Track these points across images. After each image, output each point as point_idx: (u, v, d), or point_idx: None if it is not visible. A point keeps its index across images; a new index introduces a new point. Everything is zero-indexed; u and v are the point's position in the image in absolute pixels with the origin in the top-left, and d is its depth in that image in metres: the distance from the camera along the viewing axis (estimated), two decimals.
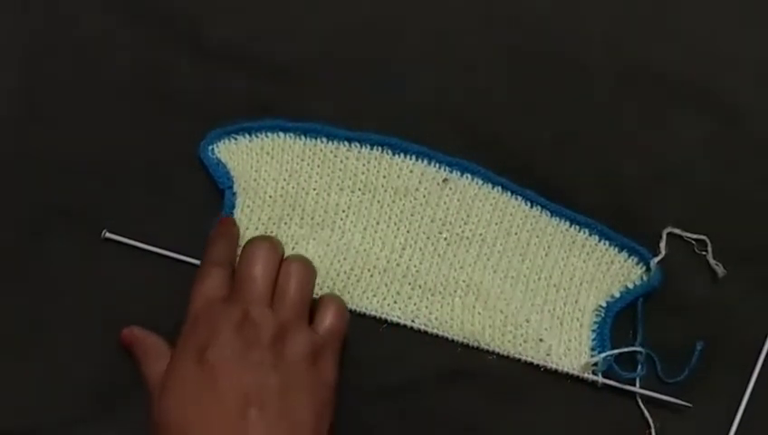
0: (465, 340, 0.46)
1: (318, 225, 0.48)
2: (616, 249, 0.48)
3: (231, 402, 0.39)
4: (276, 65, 0.51)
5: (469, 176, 0.49)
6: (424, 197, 0.48)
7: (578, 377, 0.45)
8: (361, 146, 0.49)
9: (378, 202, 0.48)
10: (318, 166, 0.49)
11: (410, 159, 0.49)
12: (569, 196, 0.49)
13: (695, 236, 0.48)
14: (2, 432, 0.44)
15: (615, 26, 0.53)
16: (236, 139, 0.50)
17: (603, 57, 0.52)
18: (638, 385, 0.45)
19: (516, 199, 0.49)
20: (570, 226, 0.48)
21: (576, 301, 0.47)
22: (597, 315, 0.46)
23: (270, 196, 0.48)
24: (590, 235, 0.48)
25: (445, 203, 0.48)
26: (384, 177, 0.49)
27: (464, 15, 0.53)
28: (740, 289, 0.47)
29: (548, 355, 0.45)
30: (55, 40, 0.52)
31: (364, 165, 0.49)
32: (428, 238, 0.48)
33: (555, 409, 0.45)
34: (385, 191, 0.49)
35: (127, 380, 0.44)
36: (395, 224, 0.48)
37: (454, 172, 0.49)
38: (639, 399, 0.45)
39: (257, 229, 0.48)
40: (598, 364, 0.45)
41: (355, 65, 0.51)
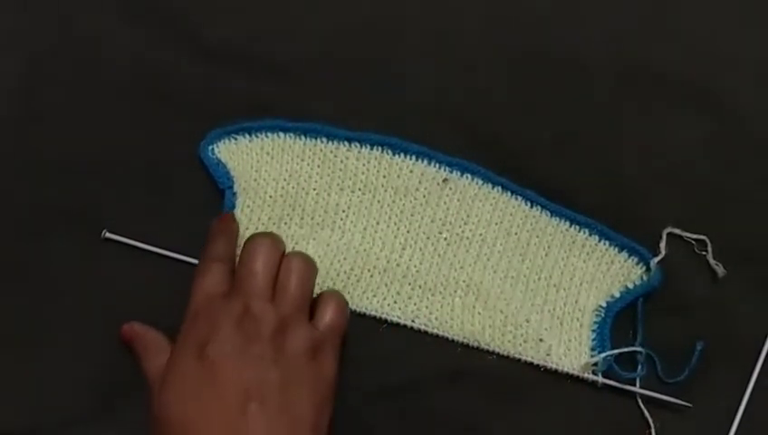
0: (465, 340, 0.46)
1: (318, 225, 0.48)
2: (616, 249, 0.48)
3: (231, 397, 0.39)
4: (276, 65, 0.51)
5: (469, 176, 0.49)
6: (424, 197, 0.48)
7: (578, 377, 0.45)
8: (361, 146, 0.49)
9: (378, 202, 0.48)
10: (318, 166, 0.49)
11: (410, 159, 0.49)
12: (569, 196, 0.49)
13: (695, 236, 0.48)
14: (2, 432, 0.44)
15: (615, 26, 0.53)
16: (236, 139, 0.50)
17: (603, 57, 0.52)
18: (638, 385, 0.45)
19: (516, 199, 0.49)
20: (570, 226, 0.48)
21: (576, 301, 0.47)
22: (597, 315, 0.46)
23: (270, 196, 0.48)
24: (590, 235, 0.48)
25: (445, 203, 0.48)
26: (384, 177, 0.49)
27: (464, 15, 0.53)
28: (740, 289, 0.47)
29: (548, 355, 0.45)
30: (55, 40, 0.52)
31: (364, 165, 0.49)
32: (428, 238, 0.48)
33: (555, 409, 0.45)
34: (385, 191, 0.49)
35: (127, 379, 0.44)
36: (395, 224, 0.48)
37: (454, 172, 0.49)
38: (639, 399, 0.45)
39: (257, 229, 0.48)
40: (598, 364, 0.45)
41: (355, 65, 0.51)
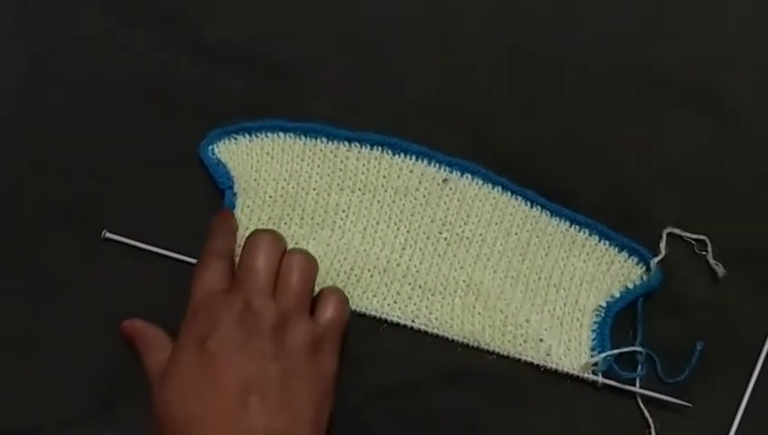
0: (465, 340, 0.46)
1: (318, 225, 0.48)
2: (616, 249, 0.48)
3: (232, 390, 0.39)
4: (276, 65, 0.51)
5: (469, 176, 0.49)
6: (424, 197, 0.48)
7: (578, 377, 0.45)
8: (361, 146, 0.49)
9: (378, 202, 0.48)
10: (318, 166, 0.49)
11: (410, 159, 0.49)
12: (569, 196, 0.49)
13: (695, 236, 0.48)
14: (2, 432, 0.44)
15: (615, 26, 0.53)
16: (236, 139, 0.50)
17: (603, 57, 0.52)
18: (638, 385, 0.45)
19: (516, 199, 0.49)
20: (570, 226, 0.48)
21: (576, 301, 0.47)
22: (597, 315, 0.46)
23: (270, 196, 0.48)
24: (590, 235, 0.48)
25: (445, 203, 0.48)
26: (384, 177, 0.49)
27: (464, 15, 0.53)
28: (740, 289, 0.47)
29: (548, 355, 0.45)
30: (55, 40, 0.52)
31: (364, 165, 0.49)
32: (428, 238, 0.48)
33: (555, 409, 0.45)
34: (385, 191, 0.49)
35: (127, 380, 0.44)
36: (395, 224, 0.48)
37: (454, 172, 0.49)
38: (639, 399, 0.45)
39: None
40: (598, 364, 0.45)
41: (355, 65, 0.51)
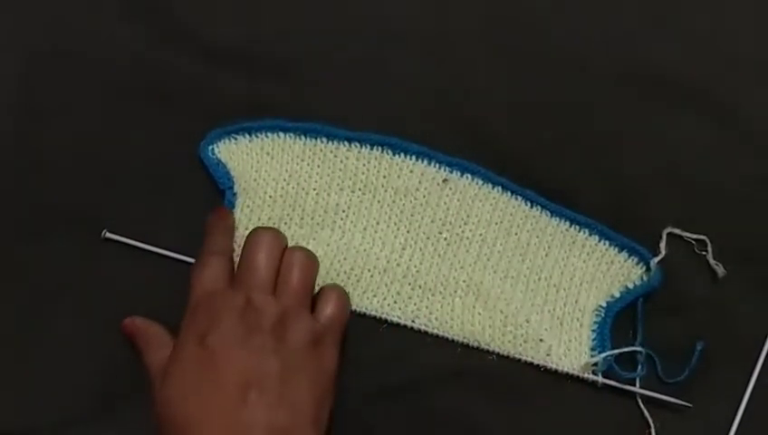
0: (465, 340, 0.46)
1: (318, 225, 0.48)
2: (616, 249, 0.48)
3: (231, 386, 0.39)
4: (276, 65, 0.51)
5: (469, 176, 0.49)
6: (424, 197, 0.48)
7: (578, 377, 0.45)
8: (361, 146, 0.49)
9: (378, 202, 0.48)
10: (318, 166, 0.49)
11: (410, 159, 0.49)
12: (569, 196, 0.49)
13: (695, 236, 0.48)
14: (2, 432, 0.44)
15: (615, 26, 0.53)
16: (236, 139, 0.49)
17: (603, 57, 0.52)
18: (638, 385, 0.45)
19: (516, 199, 0.48)
20: (570, 226, 0.48)
21: (576, 301, 0.47)
22: (597, 315, 0.46)
23: (270, 196, 0.48)
24: (590, 235, 0.48)
25: (445, 203, 0.48)
26: (384, 177, 0.49)
27: (464, 15, 0.53)
28: (740, 289, 0.47)
29: (548, 355, 0.45)
30: (55, 40, 0.52)
31: (364, 165, 0.49)
32: (428, 238, 0.48)
33: (555, 409, 0.45)
34: (385, 191, 0.49)
35: (127, 380, 0.44)
36: (395, 224, 0.48)
37: (454, 172, 0.49)
38: (639, 399, 0.45)
39: None
40: (598, 364, 0.45)
41: (355, 65, 0.51)
